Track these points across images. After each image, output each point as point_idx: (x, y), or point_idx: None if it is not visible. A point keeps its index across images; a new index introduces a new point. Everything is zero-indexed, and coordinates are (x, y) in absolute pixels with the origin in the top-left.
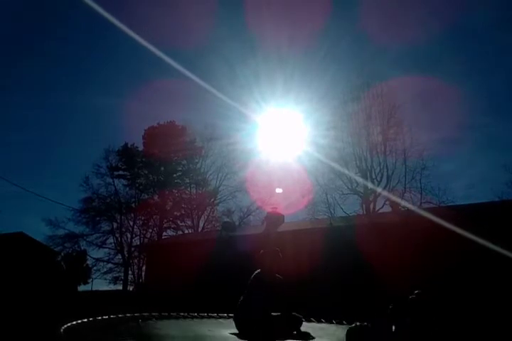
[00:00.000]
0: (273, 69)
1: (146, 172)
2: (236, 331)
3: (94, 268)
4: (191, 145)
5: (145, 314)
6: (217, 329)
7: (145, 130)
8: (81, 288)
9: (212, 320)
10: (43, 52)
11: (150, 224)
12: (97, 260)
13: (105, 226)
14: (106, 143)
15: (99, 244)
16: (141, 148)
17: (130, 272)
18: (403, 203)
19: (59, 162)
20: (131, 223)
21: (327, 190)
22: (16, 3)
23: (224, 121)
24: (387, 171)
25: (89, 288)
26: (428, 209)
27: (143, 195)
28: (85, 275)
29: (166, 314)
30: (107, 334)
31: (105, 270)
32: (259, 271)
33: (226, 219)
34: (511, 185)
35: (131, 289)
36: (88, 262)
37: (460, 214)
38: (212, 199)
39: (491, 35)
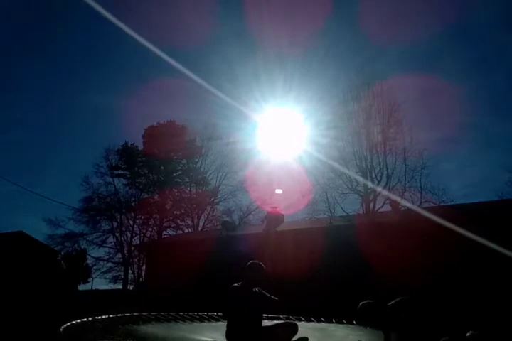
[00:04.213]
0: (273, 69)
1: (146, 171)
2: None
3: (94, 267)
4: (191, 145)
5: (144, 314)
6: (212, 335)
7: (145, 129)
8: (81, 287)
9: (211, 323)
10: (43, 52)
11: (150, 223)
12: (97, 259)
13: (105, 226)
14: (106, 142)
15: (99, 243)
16: (141, 147)
17: (130, 271)
18: (403, 202)
19: (59, 162)
20: (131, 222)
21: (327, 190)
22: (16, 3)
23: (224, 120)
24: (387, 170)
25: (90, 287)
26: (428, 209)
27: (143, 194)
28: (85, 275)
29: (165, 314)
30: (106, 334)
31: (105, 269)
32: (239, 284)
33: (226, 219)
34: (511, 184)
35: (131, 288)
36: (88, 261)
37: (460, 213)
38: (212, 199)
39: (491, 35)
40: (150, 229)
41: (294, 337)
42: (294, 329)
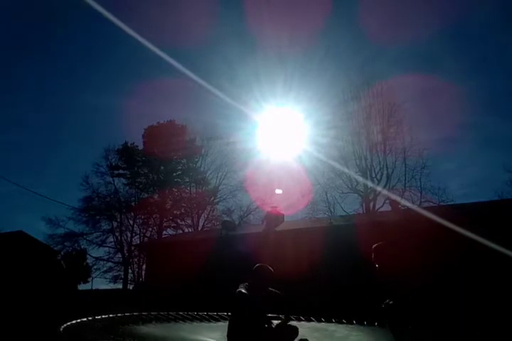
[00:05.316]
0: (273, 69)
1: (146, 171)
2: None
3: (94, 267)
4: (191, 145)
5: (144, 314)
6: (212, 334)
7: (145, 129)
8: (81, 286)
9: (211, 323)
10: (43, 52)
11: (150, 222)
12: (97, 259)
13: (105, 225)
14: (106, 142)
15: (99, 242)
16: (141, 147)
17: (130, 271)
18: (403, 202)
19: (59, 161)
20: (131, 222)
21: (327, 189)
22: (16, 3)
23: (224, 120)
24: (387, 170)
25: (90, 287)
26: (428, 208)
27: (143, 193)
28: (85, 274)
29: (165, 314)
30: (106, 334)
31: (105, 269)
32: (244, 287)
33: (226, 218)
34: (511, 184)
35: (131, 288)
36: (88, 261)
37: (460, 213)
38: (212, 198)
39: (491, 35)
40: (150, 229)
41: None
42: (295, 332)
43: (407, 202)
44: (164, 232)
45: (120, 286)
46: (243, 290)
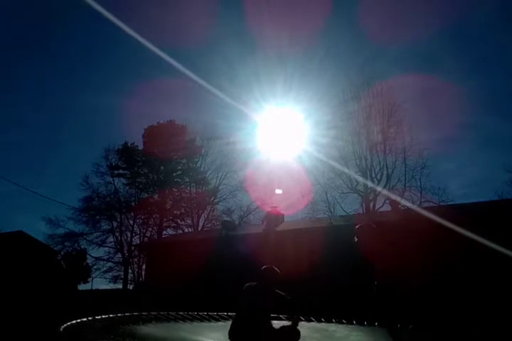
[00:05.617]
0: (273, 69)
1: (146, 171)
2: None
3: (94, 267)
4: (191, 144)
5: (144, 314)
6: (213, 334)
7: (145, 129)
8: (81, 286)
9: (211, 323)
10: (43, 52)
11: (150, 223)
12: (97, 259)
13: (105, 225)
14: (106, 142)
15: (99, 242)
16: (141, 147)
17: (130, 271)
18: (403, 202)
19: (59, 161)
20: (131, 222)
21: (327, 189)
22: (16, 3)
23: (224, 120)
24: (387, 170)
25: (90, 287)
26: (428, 208)
27: (143, 193)
28: (85, 274)
29: (165, 314)
30: (106, 334)
31: (105, 269)
32: (252, 284)
33: (226, 218)
34: (511, 184)
35: (131, 288)
36: (88, 261)
37: (460, 213)
38: (212, 198)
39: (491, 35)
40: (150, 229)
41: None
42: (297, 333)
43: (407, 202)
44: (164, 232)
45: (120, 286)
46: (247, 291)
